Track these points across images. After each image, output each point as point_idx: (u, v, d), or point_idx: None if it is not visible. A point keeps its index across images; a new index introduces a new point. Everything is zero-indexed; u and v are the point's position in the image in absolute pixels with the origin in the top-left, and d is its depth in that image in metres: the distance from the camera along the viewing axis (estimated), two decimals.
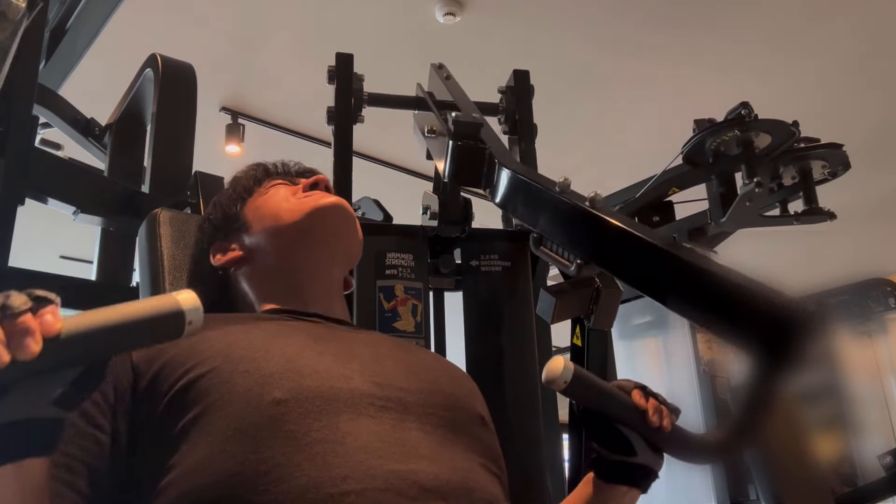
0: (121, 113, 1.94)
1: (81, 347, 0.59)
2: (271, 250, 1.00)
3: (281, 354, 0.80)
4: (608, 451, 0.84)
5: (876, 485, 1.70)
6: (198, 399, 0.75)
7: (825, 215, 1.63)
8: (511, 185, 1.18)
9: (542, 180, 1.12)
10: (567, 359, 0.81)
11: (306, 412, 0.74)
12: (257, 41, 3.47)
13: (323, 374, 0.79)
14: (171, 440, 0.74)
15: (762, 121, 1.54)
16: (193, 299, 0.62)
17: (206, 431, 0.73)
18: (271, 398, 0.74)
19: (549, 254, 1.17)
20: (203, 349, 0.80)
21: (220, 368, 0.78)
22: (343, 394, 0.77)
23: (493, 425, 0.93)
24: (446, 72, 1.66)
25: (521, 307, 1.43)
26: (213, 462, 0.71)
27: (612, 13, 3.27)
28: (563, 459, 1.48)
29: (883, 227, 5.03)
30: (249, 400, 0.74)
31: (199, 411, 0.74)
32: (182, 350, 0.79)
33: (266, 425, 0.73)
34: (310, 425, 0.73)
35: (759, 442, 1.03)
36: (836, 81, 3.71)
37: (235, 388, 0.75)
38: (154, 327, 0.62)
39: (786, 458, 1.08)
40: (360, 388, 0.79)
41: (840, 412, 2.58)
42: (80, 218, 1.63)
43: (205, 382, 0.76)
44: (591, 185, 1.08)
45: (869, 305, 2.80)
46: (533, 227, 1.17)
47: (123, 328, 0.60)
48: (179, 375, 0.77)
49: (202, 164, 1.72)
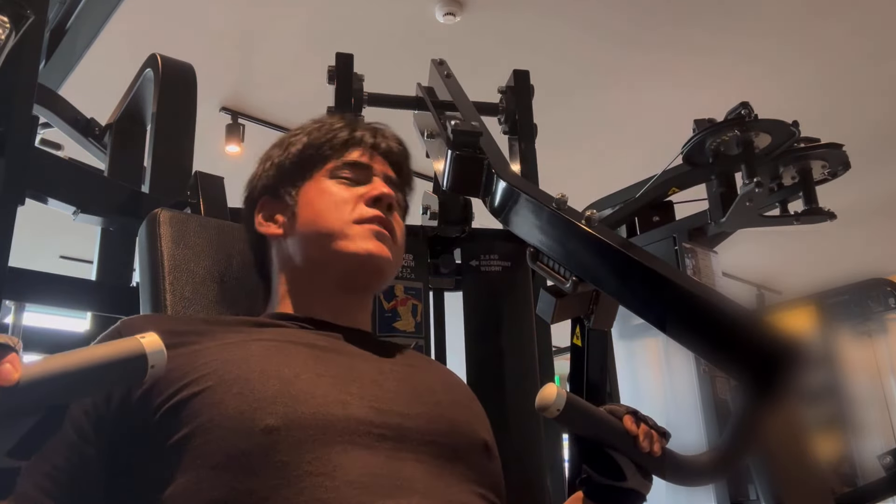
0: (121, 113, 1.94)
1: (41, 394, 0.58)
2: (303, 255, 0.95)
3: (277, 376, 0.77)
4: (601, 475, 0.84)
5: (876, 485, 1.70)
6: (188, 419, 0.73)
7: (825, 215, 1.62)
8: (508, 198, 1.18)
9: (539, 195, 1.12)
10: (559, 386, 0.83)
11: (299, 441, 0.72)
12: (257, 41, 3.47)
13: (319, 398, 0.76)
14: (158, 459, 0.73)
15: (762, 121, 1.54)
16: (156, 342, 0.63)
17: (195, 455, 0.72)
18: (263, 425, 0.72)
19: (545, 269, 1.18)
20: (199, 365, 0.78)
21: (213, 389, 0.75)
22: (339, 422, 0.75)
23: (496, 449, 0.90)
24: (447, 69, 1.66)
25: (521, 307, 1.43)
26: (199, 489, 0.70)
27: (613, 14, 3.27)
28: (563, 459, 1.47)
29: (883, 227, 5.03)
30: (241, 425, 0.72)
31: (189, 432, 0.73)
32: (178, 365, 0.76)
33: (256, 454, 0.71)
34: (301, 457, 0.71)
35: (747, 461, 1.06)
36: (837, 81, 3.71)
37: (227, 410, 0.73)
38: (116, 372, 0.62)
39: (786, 459, 1.08)
40: (356, 414, 0.77)
41: (840, 412, 2.57)
42: (80, 218, 1.63)
43: (197, 402, 0.74)
44: (591, 185, 1.09)
45: (869, 305, 2.80)
46: (529, 240, 1.17)
47: (84, 374, 0.60)
48: (173, 392, 0.75)
49: (202, 164, 1.71)
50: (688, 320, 0.90)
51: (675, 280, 0.90)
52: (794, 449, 1.18)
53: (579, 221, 1.01)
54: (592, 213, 1.02)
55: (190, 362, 0.78)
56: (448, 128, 1.29)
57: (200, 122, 1.80)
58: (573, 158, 4.09)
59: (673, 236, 1.90)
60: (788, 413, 1.10)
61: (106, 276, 1.74)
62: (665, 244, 1.91)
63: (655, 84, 3.70)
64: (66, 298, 1.58)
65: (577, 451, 0.87)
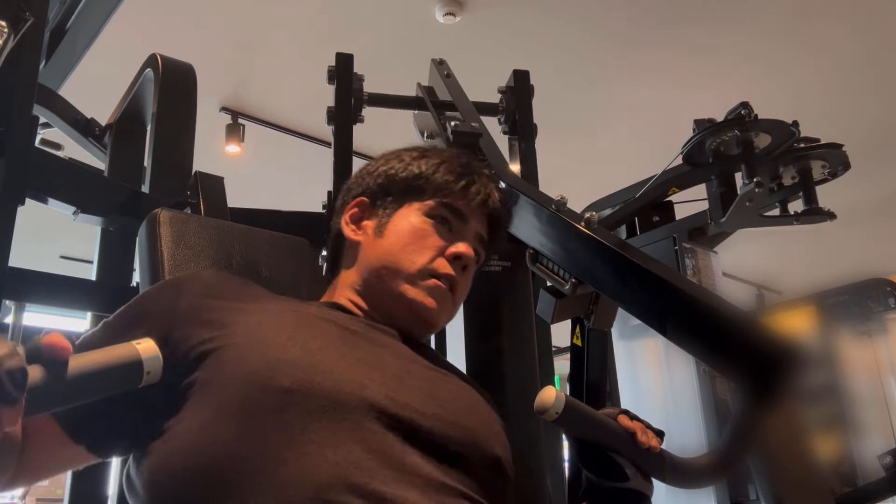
0: (121, 113, 1.94)
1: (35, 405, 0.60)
2: (371, 273, 0.98)
3: (302, 345, 0.81)
4: (602, 478, 0.85)
5: (876, 485, 1.70)
6: (211, 367, 0.78)
7: (825, 215, 1.62)
8: (507, 199, 1.17)
9: (538, 197, 1.12)
10: (558, 389, 0.83)
11: (309, 409, 0.74)
12: (257, 41, 3.47)
13: (337, 375, 0.78)
14: (175, 394, 0.77)
15: (762, 121, 1.54)
16: (152, 349, 0.63)
17: (210, 399, 0.75)
18: (279, 385, 0.75)
19: (544, 270, 1.18)
20: (234, 321, 0.82)
21: (240, 344, 0.79)
22: (352, 400, 0.76)
23: (511, 470, 0.88)
24: (446, 69, 1.66)
25: (521, 307, 1.43)
26: (205, 431, 0.73)
27: (613, 14, 3.27)
28: (563, 459, 1.47)
29: (883, 227, 5.03)
30: (257, 381, 0.75)
31: (208, 378, 0.77)
32: (218, 317, 0.82)
33: (268, 408, 0.74)
34: (309, 424, 0.73)
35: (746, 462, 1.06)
36: (837, 81, 3.71)
37: (248, 366, 0.77)
38: (113, 379, 0.64)
39: (786, 459, 1.08)
40: (371, 398, 0.77)
41: (840, 412, 2.57)
42: (80, 218, 1.63)
43: (222, 354, 0.78)
44: (591, 185, 1.09)
45: (869, 305, 2.80)
46: (528, 242, 1.17)
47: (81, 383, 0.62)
48: (207, 338, 0.80)
49: (202, 164, 1.71)
50: (686, 323, 0.91)
51: (674, 283, 0.90)
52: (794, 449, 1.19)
53: (579, 223, 1.02)
54: (592, 215, 1.02)
55: (228, 317, 0.83)
56: (448, 129, 1.29)
57: (200, 122, 1.80)
58: (573, 158, 4.09)
59: (673, 236, 1.90)
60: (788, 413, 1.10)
61: (106, 277, 1.74)
62: (665, 244, 1.91)
63: (655, 84, 3.71)
64: (66, 298, 1.58)
65: (577, 456, 0.87)
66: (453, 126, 1.30)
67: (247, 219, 1.48)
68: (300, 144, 4.03)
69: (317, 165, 3.42)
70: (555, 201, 1.07)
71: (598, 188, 2.05)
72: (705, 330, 0.89)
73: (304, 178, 3.94)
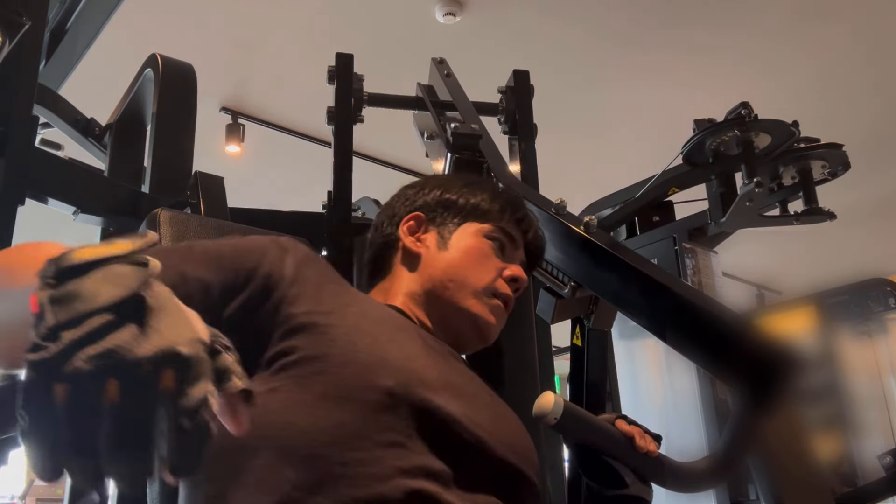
0: (121, 113, 1.94)
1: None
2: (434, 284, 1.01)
3: (400, 348, 0.85)
4: (604, 486, 0.87)
5: (876, 485, 1.70)
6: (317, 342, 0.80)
7: (825, 215, 1.62)
8: None
9: (538, 199, 1.12)
10: (557, 394, 0.84)
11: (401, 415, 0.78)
12: (257, 41, 3.47)
13: (429, 385, 0.82)
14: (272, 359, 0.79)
15: (762, 121, 1.54)
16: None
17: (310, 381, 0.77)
18: (384, 385, 0.78)
19: (543, 274, 1.18)
20: (344, 304, 0.85)
21: (350, 326, 0.82)
22: (438, 413, 0.80)
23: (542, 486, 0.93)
24: (446, 68, 1.66)
25: (521, 307, 1.43)
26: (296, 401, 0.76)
27: (613, 14, 3.27)
28: (563, 459, 1.47)
29: (883, 227, 5.03)
30: (364, 375, 0.78)
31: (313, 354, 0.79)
32: (328, 296, 0.85)
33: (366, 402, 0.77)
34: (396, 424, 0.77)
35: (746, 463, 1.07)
36: (836, 82, 3.71)
37: (357, 356, 0.80)
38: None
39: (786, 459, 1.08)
40: (453, 414, 0.82)
41: (840, 412, 2.57)
42: (80, 218, 1.63)
43: (333, 331, 0.81)
44: (591, 185, 1.09)
45: (869, 305, 2.79)
46: None
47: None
48: (320, 310, 0.82)
49: (202, 164, 1.72)
50: (684, 328, 0.92)
51: (673, 288, 0.91)
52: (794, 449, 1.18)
53: (578, 227, 1.02)
54: (591, 218, 1.03)
55: (338, 300, 0.86)
56: (448, 130, 1.29)
57: (200, 122, 1.80)
58: (573, 158, 4.09)
59: (673, 236, 1.90)
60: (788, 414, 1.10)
61: None
62: (665, 244, 1.91)
63: (655, 84, 3.70)
64: None
65: (576, 464, 0.88)
66: (453, 128, 1.30)
67: (247, 219, 1.49)
68: (300, 144, 4.03)
69: (317, 165, 3.42)
70: (554, 204, 1.07)
71: (598, 188, 2.05)
72: (704, 335, 0.90)
73: (304, 178, 3.94)
